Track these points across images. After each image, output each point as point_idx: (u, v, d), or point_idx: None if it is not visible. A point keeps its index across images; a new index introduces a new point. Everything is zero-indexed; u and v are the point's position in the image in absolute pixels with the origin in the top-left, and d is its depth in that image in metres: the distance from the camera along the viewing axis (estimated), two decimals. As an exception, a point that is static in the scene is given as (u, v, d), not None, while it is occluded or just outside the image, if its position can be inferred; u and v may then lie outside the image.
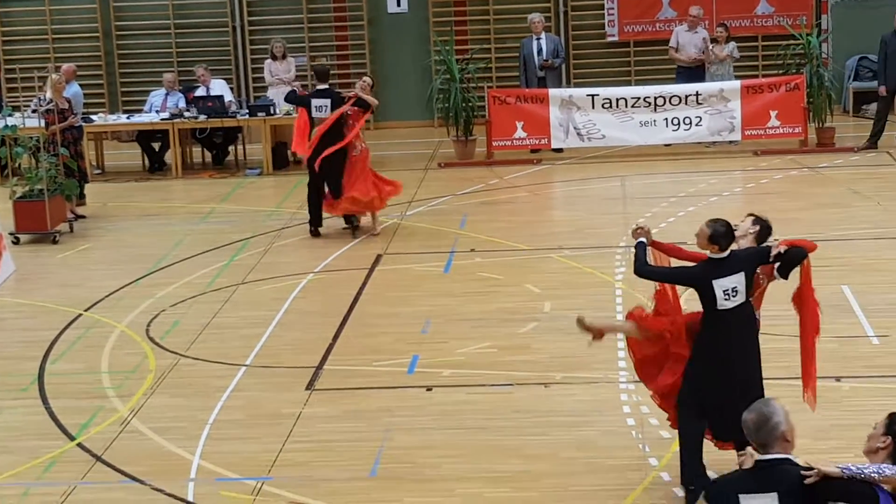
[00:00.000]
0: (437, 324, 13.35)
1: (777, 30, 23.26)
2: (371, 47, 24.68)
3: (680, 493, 9.39)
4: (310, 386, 11.81)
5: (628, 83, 23.32)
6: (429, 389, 11.59)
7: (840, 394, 11.09)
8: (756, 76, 22.62)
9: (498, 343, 12.68)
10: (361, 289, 14.67)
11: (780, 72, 21.55)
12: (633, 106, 20.88)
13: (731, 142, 21.01)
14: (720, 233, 9.00)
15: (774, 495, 6.42)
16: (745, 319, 9.18)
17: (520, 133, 21.02)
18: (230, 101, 21.76)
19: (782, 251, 9.03)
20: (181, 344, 13.06)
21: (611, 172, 20.02)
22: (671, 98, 20.84)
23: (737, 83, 20.91)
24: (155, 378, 12.15)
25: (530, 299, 14.02)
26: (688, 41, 21.83)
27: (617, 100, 20.91)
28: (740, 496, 6.44)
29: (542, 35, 21.80)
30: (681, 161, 20.50)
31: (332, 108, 16.75)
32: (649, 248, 9.40)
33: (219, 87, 22.11)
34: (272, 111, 21.05)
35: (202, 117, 21.10)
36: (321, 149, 16.61)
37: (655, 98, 20.87)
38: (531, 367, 12.01)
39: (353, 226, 17.19)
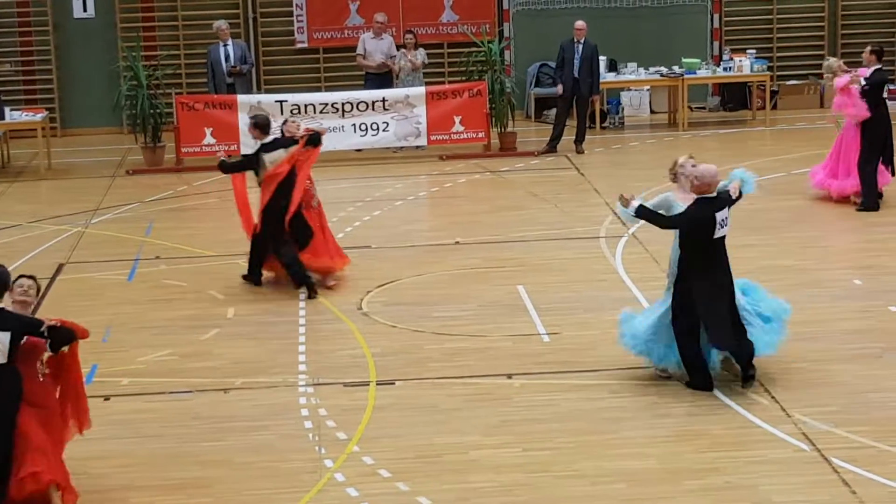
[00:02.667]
0: (119, 332, 13.24)
1: (461, 37, 23.79)
2: (57, 53, 24.20)
3: (354, 492, 9.59)
4: (-17, 399, 11.54)
5: (319, 89, 23.51)
6: (107, 399, 11.49)
7: (511, 391, 11.46)
8: (442, 83, 23.09)
9: (179, 350, 12.67)
10: (41, 299, 14.38)
11: (464, 78, 22.06)
12: (321, 112, 21.06)
13: (417, 147, 21.41)
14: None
15: None
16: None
17: (209, 139, 20.97)
18: None
19: (56, 325, 9.19)
20: None
21: (300, 178, 20.13)
22: (358, 104, 21.12)
23: (422, 89, 21.32)
24: None
25: (214, 305, 14.05)
26: (374, 48, 22.15)
27: (305, 106, 21.07)
28: None
29: (230, 41, 21.79)
30: (368, 166, 20.80)
31: None
32: None
33: None
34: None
35: None
36: (283, 204, 14.15)
37: (343, 104, 21.11)
38: (211, 373, 12.05)
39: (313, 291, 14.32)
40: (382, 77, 22.09)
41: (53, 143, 22.27)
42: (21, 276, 9.58)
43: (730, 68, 23.12)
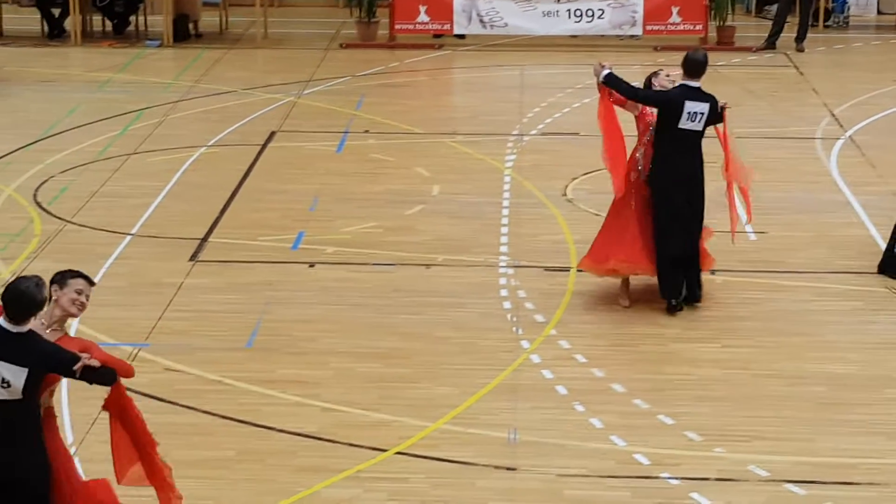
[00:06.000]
0: (325, 202, 13.42)
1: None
2: (279, -77, 24.37)
3: (549, 374, 9.63)
4: (194, 257, 11.87)
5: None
6: (311, 265, 11.70)
7: (713, 286, 11.31)
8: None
9: (383, 223, 12.79)
10: (252, 164, 14.68)
11: (685, -32, 21.58)
12: (537, -7, 20.91)
13: (632, 36, 21.08)
14: None
15: None
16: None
17: (423, 17, 20.95)
18: (132, -32, 21.45)
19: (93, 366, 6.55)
20: (68, 210, 13.04)
21: (511, 61, 20.04)
22: (575, -11, 20.90)
23: (641, -23, 20.99)
24: (40, 242, 12.14)
25: (419, 182, 14.12)
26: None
27: (520, -14, 20.93)
28: None
29: (450, -81, 21.66)
30: (580, 52, 20.53)
31: (708, 121, 10.96)
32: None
33: (122, -46, 21.76)
34: (175, -18, 20.81)
35: (103, -15, 20.86)
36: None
37: (559, -12, 20.91)
38: (414, 248, 12.15)
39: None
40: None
41: (270, 13, 22.48)
42: (74, 276, 6.77)
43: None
